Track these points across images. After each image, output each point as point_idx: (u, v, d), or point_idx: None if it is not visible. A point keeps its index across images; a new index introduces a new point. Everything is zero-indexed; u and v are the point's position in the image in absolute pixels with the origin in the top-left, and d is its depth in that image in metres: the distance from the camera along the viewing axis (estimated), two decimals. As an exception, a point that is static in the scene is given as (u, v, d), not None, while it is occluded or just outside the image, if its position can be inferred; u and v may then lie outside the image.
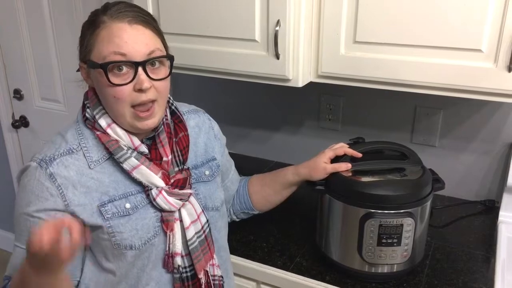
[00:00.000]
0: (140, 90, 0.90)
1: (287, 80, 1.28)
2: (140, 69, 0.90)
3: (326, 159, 1.18)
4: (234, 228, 1.29)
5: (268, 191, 1.26)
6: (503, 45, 1.07)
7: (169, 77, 0.97)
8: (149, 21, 0.93)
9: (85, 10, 1.93)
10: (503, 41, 1.07)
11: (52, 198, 0.91)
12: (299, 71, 1.27)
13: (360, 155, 1.18)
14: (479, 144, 1.51)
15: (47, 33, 2.09)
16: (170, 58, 0.97)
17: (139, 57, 0.90)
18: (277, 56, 1.24)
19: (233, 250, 1.29)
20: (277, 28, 1.21)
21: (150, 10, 1.39)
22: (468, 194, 1.56)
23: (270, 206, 1.28)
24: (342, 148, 1.20)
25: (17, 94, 2.32)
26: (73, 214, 0.93)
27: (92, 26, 0.92)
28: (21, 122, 2.36)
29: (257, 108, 1.85)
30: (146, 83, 0.90)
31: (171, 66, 0.97)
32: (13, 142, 2.46)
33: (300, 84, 1.29)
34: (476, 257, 1.26)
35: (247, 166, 1.82)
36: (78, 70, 0.99)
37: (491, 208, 1.50)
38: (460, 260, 1.25)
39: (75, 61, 0.99)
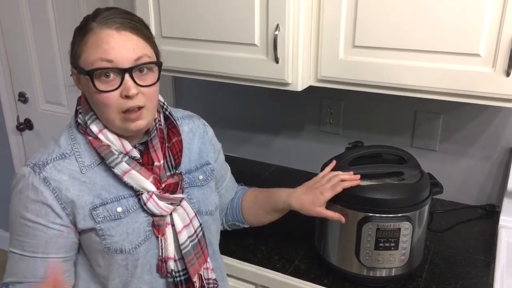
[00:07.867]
0: (127, 97, 0.90)
1: (287, 84, 1.29)
2: (127, 75, 0.89)
3: (322, 203, 1.13)
4: (233, 231, 1.29)
5: (259, 210, 1.24)
6: (501, 50, 1.07)
7: (158, 82, 0.96)
8: (138, 28, 0.92)
9: (89, 14, 1.95)
10: (501, 46, 1.07)
11: (48, 202, 0.92)
12: (298, 75, 1.27)
13: (358, 182, 1.12)
14: (480, 148, 1.50)
15: (52, 37, 2.11)
16: (158, 64, 0.96)
17: (126, 64, 0.89)
18: (277, 60, 1.25)
19: (232, 253, 1.30)
20: (277, 32, 1.22)
21: (152, 15, 1.40)
22: (469, 199, 1.55)
23: (260, 224, 1.26)
24: (340, 185, 1.12)
25: (22, 98, 2.34)
26: (69, 216, 0.94)
27: (81, 32, 0.92)
28: (25, 125, 2.39)
29: (258, 112, 1.85)
30: (133, 90, 0.90)
31: (160, 72, 0.96)
32: (18, 145, 2.49)
33: (300, 88, 1.29)
34: (476, 262, 1.26)
35: (248, 169, 1.83)
36: (71, 75, 1.00)
37: (491, 213, 1.49)
38: (460, 264, 1.25)
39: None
